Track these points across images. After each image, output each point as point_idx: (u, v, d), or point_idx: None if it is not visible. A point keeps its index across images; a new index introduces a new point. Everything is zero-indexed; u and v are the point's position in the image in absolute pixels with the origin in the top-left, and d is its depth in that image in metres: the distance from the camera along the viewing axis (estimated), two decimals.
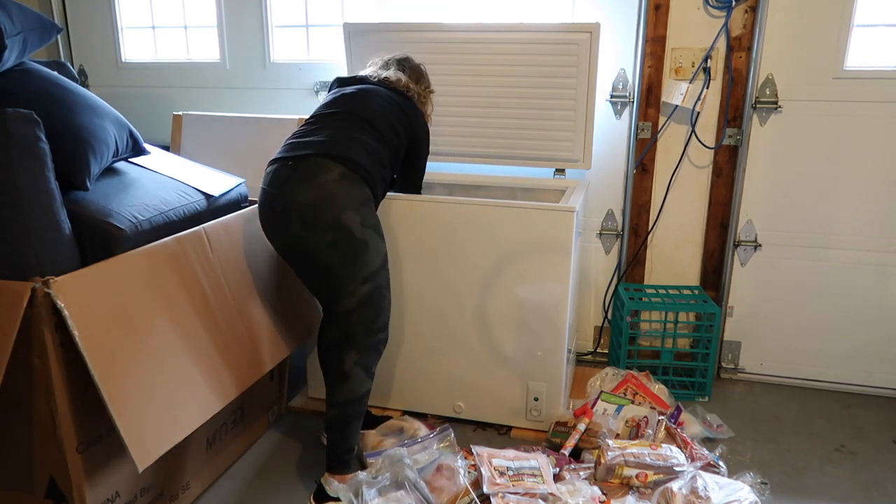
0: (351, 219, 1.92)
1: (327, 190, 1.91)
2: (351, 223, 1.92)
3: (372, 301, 1.99)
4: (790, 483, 2.20)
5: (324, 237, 1.91)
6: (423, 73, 2.35)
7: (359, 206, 1.95)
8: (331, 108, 2.10)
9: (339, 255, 1.93)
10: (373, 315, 2.00)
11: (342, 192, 1.92)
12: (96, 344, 1.58)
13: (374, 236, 1.98)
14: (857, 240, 2.66)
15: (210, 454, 2.15)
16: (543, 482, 1.92)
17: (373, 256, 1.98)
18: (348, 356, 2.00)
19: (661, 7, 2.60)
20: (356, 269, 1.95)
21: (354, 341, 2.00)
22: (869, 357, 2.75)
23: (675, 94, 2.63)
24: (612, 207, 2.88)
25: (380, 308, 2.02)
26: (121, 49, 3.35)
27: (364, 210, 1.96)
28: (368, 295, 1.98)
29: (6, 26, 1.73)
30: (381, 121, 2.08)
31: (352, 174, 1.95)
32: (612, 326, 2.95)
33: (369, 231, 1.96)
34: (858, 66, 2.52)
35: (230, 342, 2.04)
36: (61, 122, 1.80)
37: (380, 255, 2.00)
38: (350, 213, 1.92)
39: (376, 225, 2.01)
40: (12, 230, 1.58)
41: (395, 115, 2.13)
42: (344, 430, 2.04)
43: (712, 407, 2.63)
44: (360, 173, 1.97)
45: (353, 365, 2.00)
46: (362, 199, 1.97)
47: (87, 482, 1.67)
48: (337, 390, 2.03)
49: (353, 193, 1.94)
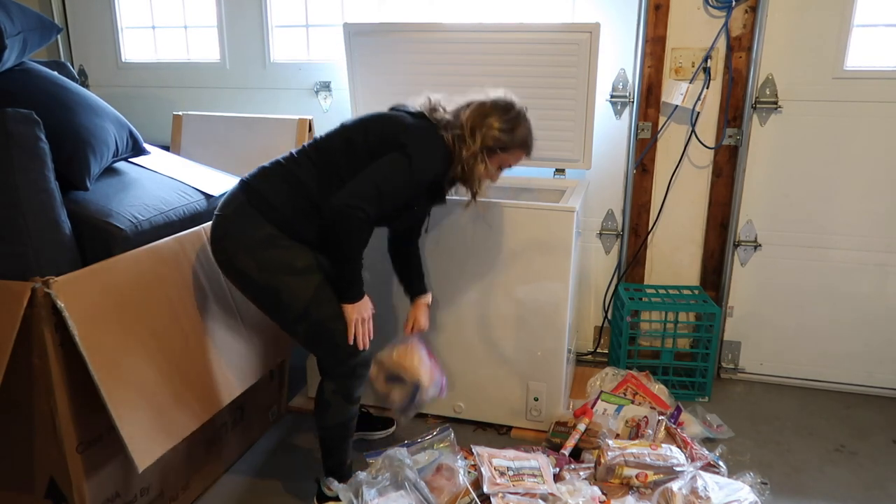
0: (243, 262, 1.76)
1: (218, 223, 1.80)
2: (244, 266, 1.76)
3: (316, 340, 1.87)
4: (790, 483, 2.20)
5: (226, 273, 1.85)
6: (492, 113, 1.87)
7: (255, 249, 1.74)
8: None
9: (253, 296, 1.84)
10: (328, 348, 1.87)
11: (233, 229, 1.76)
12: (96, 344, 1.58)
13: (287, 278, 1.77)
14: (857, 240, 2.66)
15: (210, 454, 2.15)
16: (543, 482, 1.92)
17: (292, 300, 1.78)
18: (327, 385, 1.93)
19: (661, 7, 2.60)
20: (278, 314, 1.84)
21: (326, 372, 1.94)
22: (869, 357, 2.75)
23: (675, 94, 2.63)
24: (612, 207, 2.88)
25: (331, 343, 1.85)
26: (121, 49, 3.35)
27: (262, 252, 1.75)
28: (309, 335, 1.86)
29: (6, 26, 1.73)
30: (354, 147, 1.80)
31: (251, 209, 1.76)
32: (612, 326, 2.94)
33: (275, 275, 1.76)
34: (858, 66, 2.52)
35: (230, 342, 2.04)
36: (61, 122, 1.80)
37: (303, 295, 1.78)
38: (241, 256, 1.76)
39: (290, 263, 1.77)
40: (12, 230, 1.58)
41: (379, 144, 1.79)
42: (332, 450, 2.02)
43: (712, 407, 2.63)
44: (260, 207, 1.76)
45: (332, 394, 1.93)
46: (260, 238, 1.75)
47: (87, 482, 1.67)
48: (320, 416, 1.97)
49: (247, 231, 1.75)
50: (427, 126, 1.85)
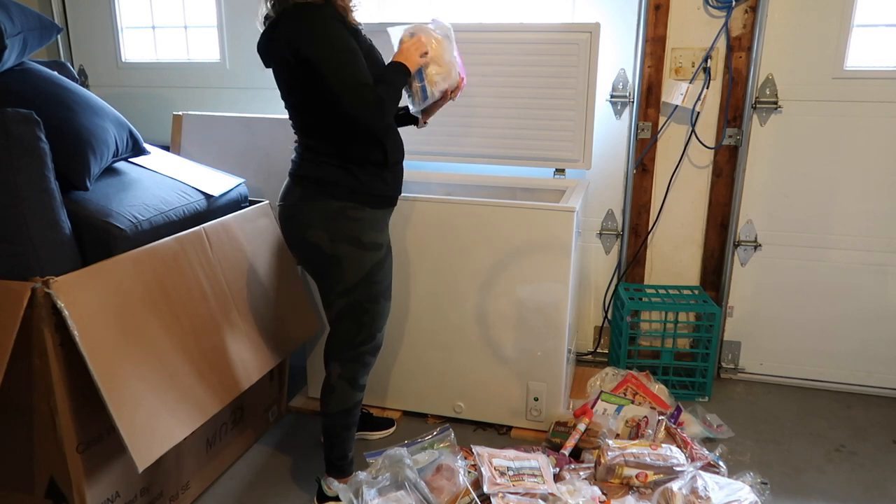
0: (318, 237, 1.86)
1: (288, 212, 1.91)
2: (319, 241, 1.86)
3: (349, 315, 1.93)
4: (790, 483, 2.20)
5: (297, 253, 1.95)
6: None
7: (327, 221, 1.85)
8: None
9: (317, 271, 1.94)
10: (352, 329, 1.94)
11: (303, 212, 1.87)
12: (96, 344, 1.58)
13: (353, 250, 1.87)
14: (856, 240, 2.66)
15: (210, 454, 2.15)
16: (543, 482, 1.92)
17: (348, 271, 1.88)
18: (333, 369, 1.99)
19: (661, 7, 2.60)
20: (328, 285, 1.92)
21: (337, 353, 1.98)
22: (869, 357, 2.75)
23: (675, 94, 2.63)
24: (612, 207, 2.88)
25: (360, 322, 1.94)
26: (121, 49, 3.35)
27: (334, 223, 1.85)
28: (345, 309, 1.92)
29: (6, 26, 1.73)
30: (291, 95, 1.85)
31: (313, 192, 1.86)
32: (612, 326, 2.94)
33: (343, 245, 1.86)
34: (858, 66, 2.52)
35: (230, 342, 2.04)
36: (61, 122, 1.80)
37: (361, 269, 1.89)
38: (316, 231, 1.85)
39: (358, 237, 1.87)
40: (12, 230, 1.58)
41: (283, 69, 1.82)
42: (335, 440, 2.03)
43: (712, 407, 2.63)
44: (321, 185, 1.86)
45: (338, 378, 1.98)
46: (329, 212, 1.85)
47: (87, 482, 1.67)
48: (324, 401, 2.00)
49: (316, 209, 1.85)
50: (298, 13, 1.77)
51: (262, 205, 2.41)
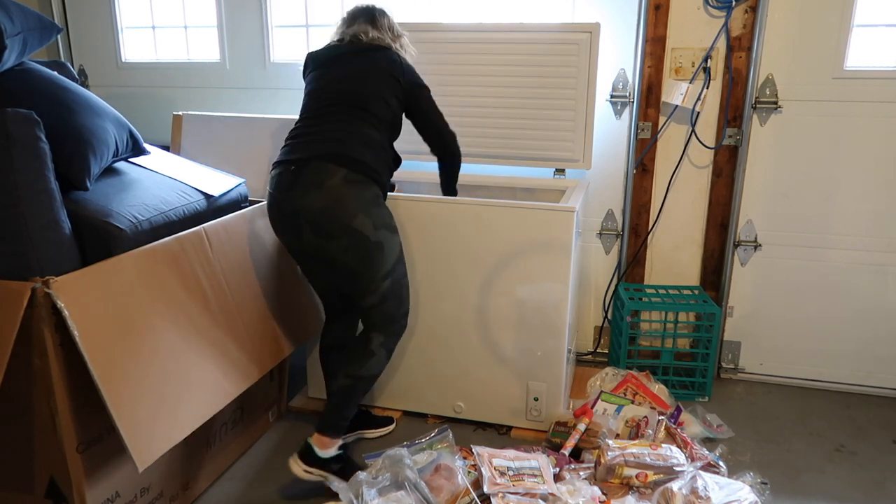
0: (363, 222, 1.93)
1: (333, 195, 1.90)
2: (363, 227, 1.93)
3: (393, 294, 2.06)
4: (790, 483, 2.20)
5: (338, 243, 1.94)
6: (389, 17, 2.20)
7: (369, 207, 1.95)
8: (321, 99, 2.05)
9: (356, 259, 1.97)
10: (395, 305, 2.08)
11: (349, 197, 1.91)
12: (96, 344, 1.58)
13: (388, 234, 2.00)
14: (856, 240, 2.66)
15: (210, 454, 2.15)
16: (543, 482, 1.92)
17: (388, 255, 2.01)
18: (375, 336, 2.08)
19: (661, 7, 2.60)
20: (374, 270, 2.00)
21: (382, 327, 2.08)
22: (869, 357, 2.75)
23: (675, 94, 2.63)
24: (612, 207, 2.88)
25: (400, 298, 2.09)
26: (121, 49, 3.35)
27: (374, 210, 1.96)
28: (389, 289, 2.04)
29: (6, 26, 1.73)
30: (374, 101, 2.01)
31: (356, 175, 1.93)
32: (612, 326, 2.94)
33: (383, 231, 1.98)
34: (858, 66, 2.52)
35: (230, 342, 2.04)
36: (61, 122, 1.80)
37: (395, 251, 2.04)
38: (362, 218, 1.93)
39: (389, 222, 2.02)
40: (12, 230, 1.58)
41: (384, 83, 2.04)
42: (349, 399, 2.09)
43: (712, 407, 2.63)
44: (364, 172, 1.95)
45: (379, 346, 2.08)
46: (370, 198, 1.96)
47: (87, 482, 1.67)
48: (357, 364, 2.07)
49: (361, 196, 1.93)
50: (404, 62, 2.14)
51: (262, 205, 2.40)
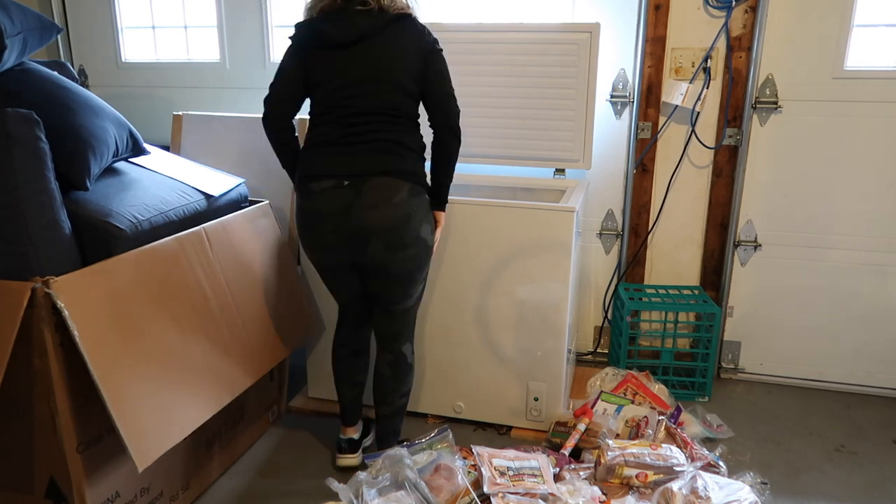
0: (426, 230, 1.97)
1: (403, 211, 1.90)
2: (427, 234, 1.98)
3: (420, 297, 2.11)
4: (790, 483, 2.20)
5: (406, 253, 1.95)
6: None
7: (427, 214, 1.98)
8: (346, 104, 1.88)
9: (416, 264, 1.99)
10: (417, 307, 2.13)
11: (416, 209, 1.93)
12: (96, 344, 1.58)
13: (432, 238, 2.03)
14: (857, 240, 2.66)
15: (210, 454, 2.15)
16: (543, 482, 1.92)
17: (429, 260, 2.05)
18: (406, 349, 2.12)
19: (661, 7, 2.60)
20: (423, 272, 2.05)
21: (409, 335, 2.12)
22: (869, 357, 2.75)
23: (675, 94, 2.63)
24: (612, 207, 2.88)
25: (420, 299, 2.14)
26: (121, 49, 3.35)
27: (429, 216, 1.99)
28: (420, 293, 2.09)
29: (6, 26, 1.73)
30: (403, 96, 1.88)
31: (417, 187, 1.93)
32: (612, 326, 2.94)
33: (431, 236, 2.01)
34: (858, 66, 2.52)
35: (230, 342, 2.04)
36: (61, 122, 1.80)
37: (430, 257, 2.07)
38: (425, 226, 1.96)
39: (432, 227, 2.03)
40: (12, 230, 1.58)
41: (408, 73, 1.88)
42: (400, 416, 2.17)
43: (712, 407, 2.63)
44: (422, 183, 1.96)
45: (411, 354, 2.14)
46: (428, 206, 1.99)
47: (87, 482, 1.67)
48: (404, 381, 2.13)
49: (422, 205, 1.96)
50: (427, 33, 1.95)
51: (261, 205, 2.41)
